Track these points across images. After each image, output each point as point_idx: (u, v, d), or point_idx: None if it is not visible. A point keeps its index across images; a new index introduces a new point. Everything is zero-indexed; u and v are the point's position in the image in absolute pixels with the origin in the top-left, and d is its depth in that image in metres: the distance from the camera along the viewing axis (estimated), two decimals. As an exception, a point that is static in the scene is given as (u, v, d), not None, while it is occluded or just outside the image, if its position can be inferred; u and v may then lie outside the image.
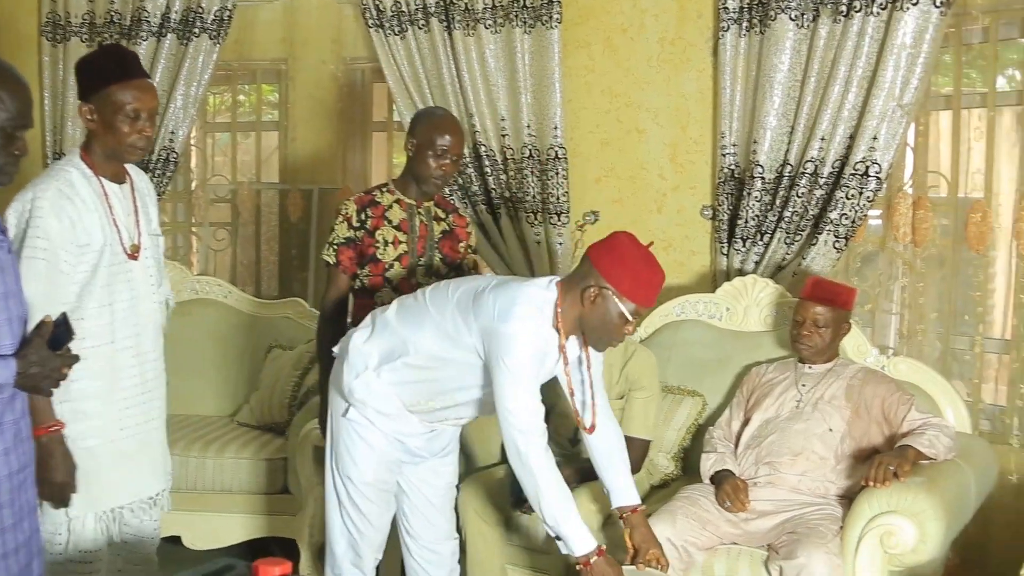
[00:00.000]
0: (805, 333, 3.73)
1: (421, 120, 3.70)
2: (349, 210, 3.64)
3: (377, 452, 3.20)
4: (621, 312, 2.93)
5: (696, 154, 4.83)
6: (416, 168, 3.64)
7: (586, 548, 2.96)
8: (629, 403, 3.88)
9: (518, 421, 2.95)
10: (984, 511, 3.76)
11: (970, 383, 4.29)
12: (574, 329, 3.02)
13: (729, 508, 3.50)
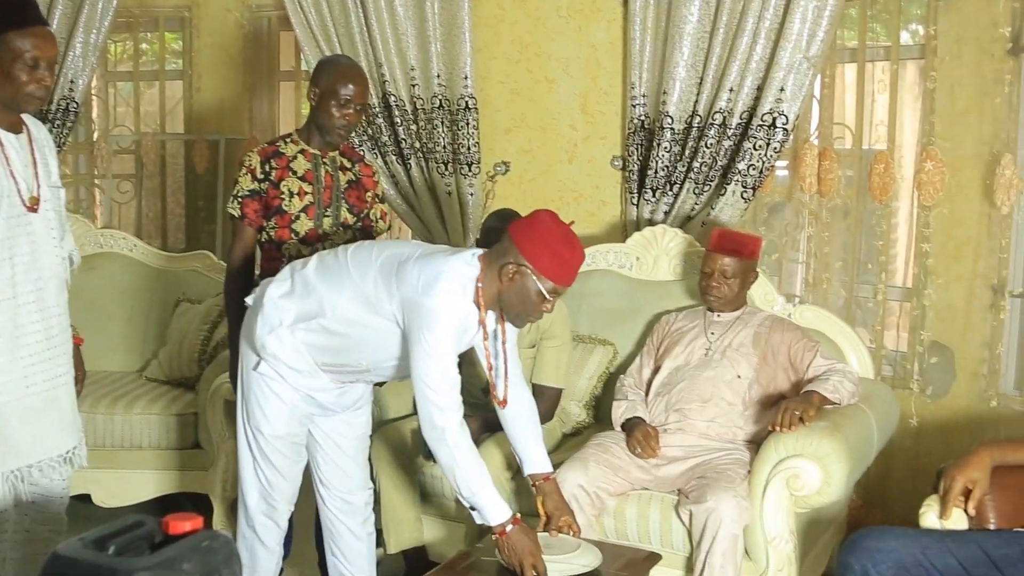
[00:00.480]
0: (713, 284, 3.76)
1: (323, 69, 3.63)
2: (253, 162, 3.57)
3: (288, 406, 3.17)
4: (539, 290, 2.92)
5: (606, 105, 4.84)
6: (319, 118, 3.58)
7: (501, 517, 2.97)
8: (540, 352, 3.90)
9: (436, 396, 2.94)
10: (886, 454, 3.87)
11: (873, 330, 4.40)
12: (493, 304, 3.01)
13: (640, 455, 3.54)
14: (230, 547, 2.12)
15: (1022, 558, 2.66)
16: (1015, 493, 2.85)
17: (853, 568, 2.71)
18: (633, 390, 3.82)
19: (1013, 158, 3.90)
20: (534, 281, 2.91)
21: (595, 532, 3.42)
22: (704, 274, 3.81)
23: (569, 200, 4.97)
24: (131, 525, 2.08)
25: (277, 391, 3.15)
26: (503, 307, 3.00)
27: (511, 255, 2.92)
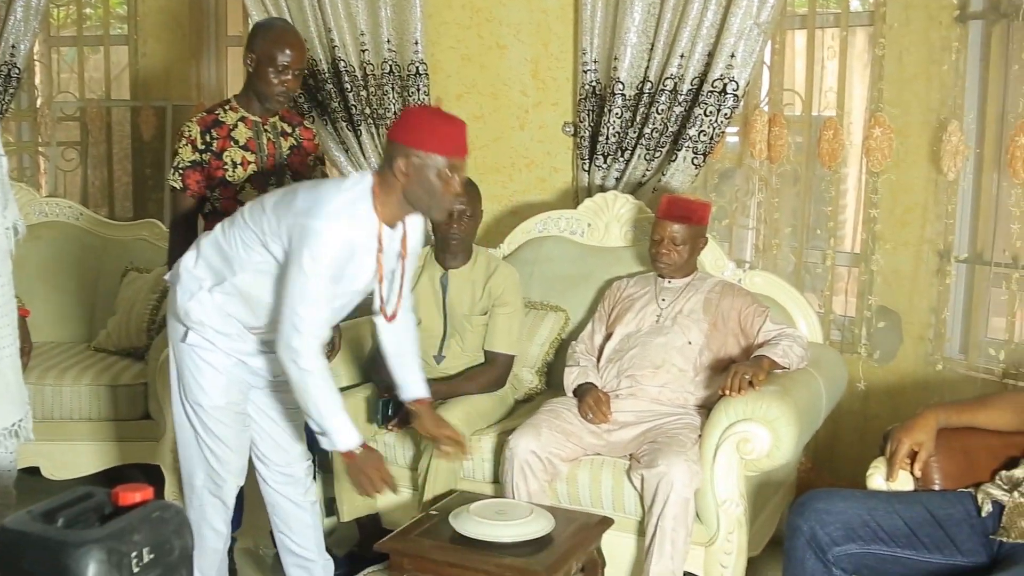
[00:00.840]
0: (663, 251, 3.77)
1: (259, 33, 3.56)
2: (192, 132, 3.51)
3: (224, 375, 3.14)
4: (436, 170, 2.90)
5: (558, 71, 4.83)
6: (257, 84, 3.53)
7: (350, 443, 3.02)
8: (493, 319, 3.91)
9: (298, 319, 2.89)
10: (834, 417, 3.92)
11: (822, 295, 4.44)
12: (399, 212, 2.99)
13: (591, 420, 3.56)
14: (181, 517, 2.11)
15: (966, 518, 2.72)
16: (960, 454, 2.91)
17: (801, 530, 2.75)
18: (585, 356, 3.84)
19: (960, 125, 3.93)
20: (427, 163, 2.89)
21: (548, 497, 3.45)
22: (654, 241, 3.81)
23: (521, 166, 4.96)
24: (80, 497, 2.07)
25: (210, 360, 3.12)
26: (415, 204, 2.97)
27: (397, 152, 2.91)
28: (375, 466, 3.05)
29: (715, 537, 3.36)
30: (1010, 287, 3.85)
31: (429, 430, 3.36)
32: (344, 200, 2.90)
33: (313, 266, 2.86)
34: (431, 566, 3.05)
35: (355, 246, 2.94)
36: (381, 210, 2.96)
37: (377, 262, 3.03)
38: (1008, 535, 2.63)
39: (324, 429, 3.01)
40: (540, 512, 3.13)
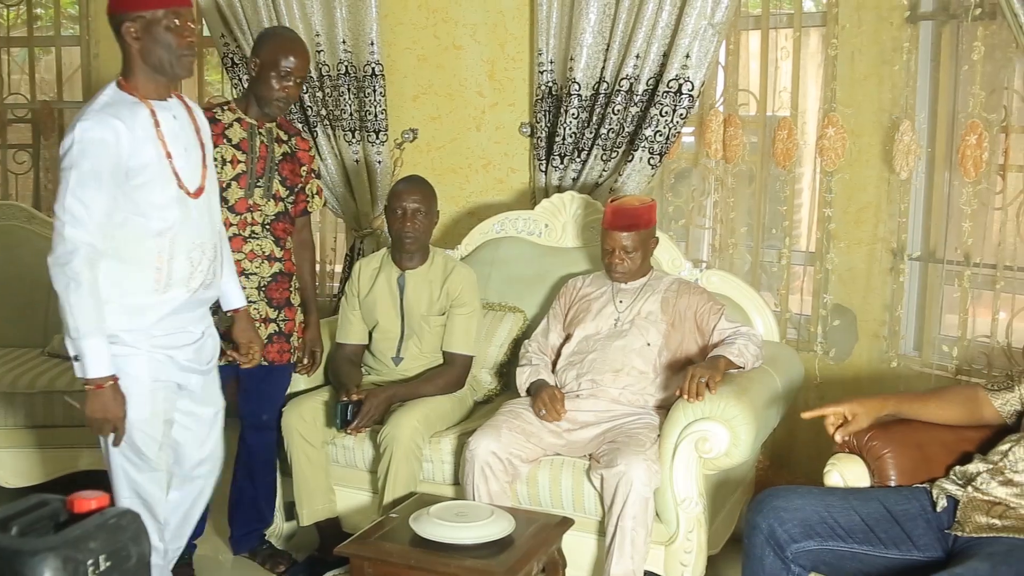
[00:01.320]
0: (616, 260, 3.75)
1: (265, 40, 3.65)
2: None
3: (146, 382, 3.00)
4: (160, 24, 2.89)
5: (514, 71, 4.83)
6: (259, 89, 3.61)
7: (103, 371, 2.88)
8: (451, 320, 3.90)
9: (64, 226, 2.79)
10: (791, 415, 3.94)
11: (778, 294, 4.47)
12: (154, 82, 2.95)
13: (544, 417, 3.56)
14: (138, 524, 2.09)
15: (921, 513, 2.75)
16: (914, 450, 2.94)
17: (760, 527, 2.77)
18: (537, 355, 3.84)
19: (911, 124, 3.98)
20: (150, 20, 2.89)
21: (508, 499, 3.45)
22: (605, 251, 3.80)
23: (478, 167, 4.96)
24: (34, 505, 2.04)
25: (129, 369, 2.97)
26: (155, 68, 2.94)
27: (120, 22, 2.91)
28: (116, 412, 2.91)
29: (675, 536, 3.38)
30: (962, 284, 3.90)
31: (238, 336, 3.42)
32: (91, 108, 2.87)
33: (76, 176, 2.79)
34: (392, 570, 3.04)
35: (119, 135, 2.84)
36: (139, 89, 2.94)
37: (158, 138, 2.94)
38: (963, 529, 2.66)
39: (79, 350, 2.85)
40: (500, 513, 3.13)
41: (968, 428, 2.98)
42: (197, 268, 3.05)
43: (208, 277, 3.10)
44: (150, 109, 2.93)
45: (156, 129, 2.93)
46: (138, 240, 2.93)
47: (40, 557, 1.86)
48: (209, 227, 3.11)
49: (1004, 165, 3.84)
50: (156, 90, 2.97)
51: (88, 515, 2.03)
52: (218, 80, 5.73)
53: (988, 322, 3.90)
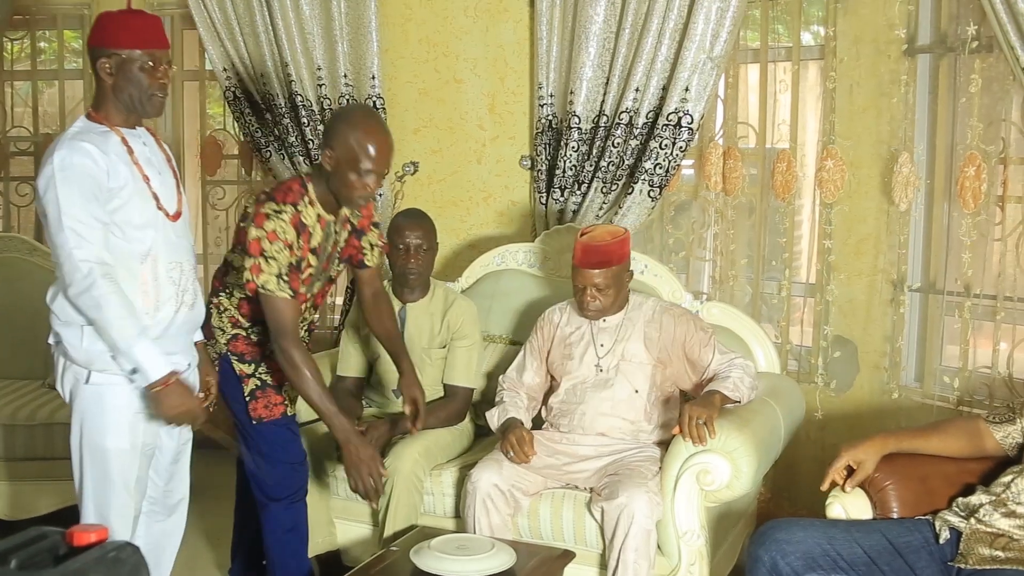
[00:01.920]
0: (588, 299, 3.59)
1: (341, 129, 3.22)
2: (289, 235, 3.22)
3: (128, 411, 2.98)
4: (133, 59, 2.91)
5: (514, 104, 4.86)
6: (336, 186, 3.25)
7: (162, 370, 2.89)
8: (452, 352, 3.90)
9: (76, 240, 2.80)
10: (792, 447, 3.94)
11: (778, 325, 4.47)
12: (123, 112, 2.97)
13: (512, 459, 3.49)
14: (137, 557, 2.08)
15: (924, 545, 2.74)
16: (916, 482, 2.93)
17: (762, 560, 2.76)
18: (509, 392, 3.76)
19: (910, 156, 3.99)
20: (125, 59, 2.91)
21: (510, 532, 3.43)
22: (576, 288, 3.62)
23: (479, 200, 4.97)
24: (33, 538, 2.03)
25: (114, 399, 2.96)
26: (126, 106, 2.96)
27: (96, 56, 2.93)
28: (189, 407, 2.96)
29: (677, 568, 3.36)
30: (963, 315, 3.90)
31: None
32: (65, 138, 2.89)
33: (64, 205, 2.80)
34: (392, 603, 3.03)
35: (95, 158, 2.86)
36: (109, 119, 2.96)
37: (133, 163, 2.96)
38: (966, 561, 2.65)
39: (136, 362, 2.86)
40: (501, 546, 3.12)
41: (970, 460, 2.97)
42: (179, 288, 3.06)
43: (190, 297, 3.10)
44: (120, 136, 2.96)
45: (130, 155, 2.96)
46: (124, 262, 2.93)
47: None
48: (187, 249, 3.13)
49: (1003, 196, 3.86)
50: (125, 120, 2.99)
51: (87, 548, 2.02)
52: (220, 113, 5.76)
53: (989, 353, 3.90)
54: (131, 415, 3.00)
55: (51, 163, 2.83)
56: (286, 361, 3.23)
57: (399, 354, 3.67)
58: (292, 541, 3.50)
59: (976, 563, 2.63)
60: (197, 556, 4.24)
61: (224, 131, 5.64)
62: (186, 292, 3.08)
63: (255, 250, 3.19)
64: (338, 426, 3.24)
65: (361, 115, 3.32)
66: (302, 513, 3.53)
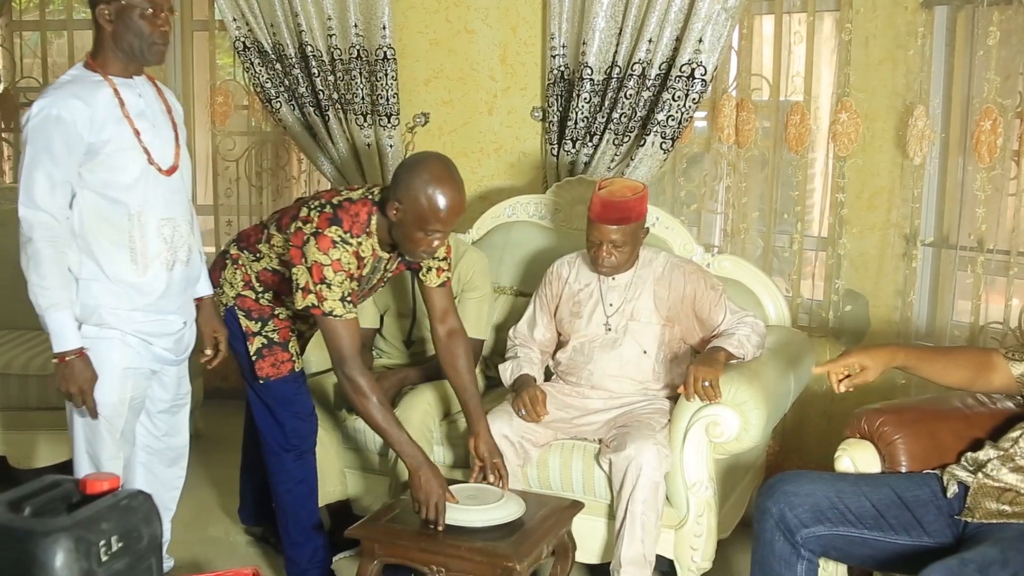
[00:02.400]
0: (603, 254, 3.53)
1: (413, 185, 3.03)
2: (352, 267, 3.13)
3: (119, 367, 3.00)
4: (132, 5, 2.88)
5: (526, 55, 4.82)
6: (399, 237, 3.13)
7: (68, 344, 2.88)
8: (462, 304, 3.89)
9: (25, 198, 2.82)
10: (802, 401, 3.95)
11: (789, 279, 4.46)
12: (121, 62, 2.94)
13: (524, 417, 3.48)
14: (149, 505, 2.10)
15: (932, 499, 2.74)
16: (925, 437, 2.93)
17: (770, 512, 2.77)
18: (522, 347, 3.75)
19: (925, 109, 3.96)
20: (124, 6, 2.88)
21: (519, 482, 3.45)
22: (591, 243, 3.56)
23: (490, 151, 4.95)
24: (47, 486, 2.05)
25: (105, 354, 2.97)
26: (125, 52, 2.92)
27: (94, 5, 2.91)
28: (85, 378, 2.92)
29: (685, 520, 3.38)
30: (975, 270, 3.89)
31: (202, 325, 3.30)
32: (53, 86, 2.88)
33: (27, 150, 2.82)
34: (402, 552, 3.06)
35: (76, 113, 2.83)
36: (105, 67, 2.93)
37: (124, 116, 2.93)
38: (973, 516, 2.65)
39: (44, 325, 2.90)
40: (511, 496, 3.14)
41: (979, 415, 2.97)
42: (171, 245, 3.04)
43: (184, 253, 3.09)
44: (113, 88, 2.92)
45: (121, 107, 2.92)
46: (108, 219, 2.93)
47: (53, 538, 1.87)
48: (182, 204, 3.10)
49: (1018, 151, 3.83)
50: (123, 69, 2.95)
51: (100, 496, 2.04)
52: (230, 64, 5.73)
53: (1001, 308, 3.89)
54: (121, 370, 3.01)
55: (30, 110, 2.82)
56: (352, 389, 3.13)
57: (470, 411, 3.42)
58: (302, 492, 3.52)
59: (983, 517, 2.63)
60: (205, 503, 4.28)
61: (234, 81, 5.61)
62: (179, 249, 3.07)
63: (317, 276, 3.07)
64: (409, 454, 3.13)
65: (436, 170, 3.06)
66: (311, 464, 3.54)
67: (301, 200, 3.28)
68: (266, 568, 3.77)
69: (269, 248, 3.39)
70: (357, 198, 3.18)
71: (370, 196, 3.19)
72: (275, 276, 3.41)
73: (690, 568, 3.40)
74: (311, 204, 3.21)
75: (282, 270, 3.35)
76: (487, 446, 3.34)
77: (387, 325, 4.02)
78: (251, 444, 3.84)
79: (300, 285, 3.10)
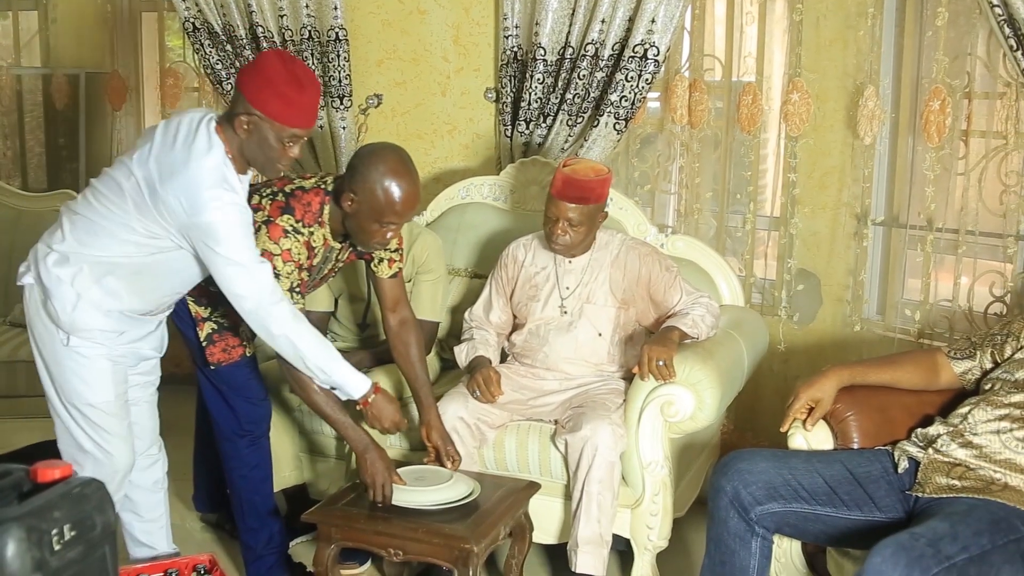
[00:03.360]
0: (558, 231, 3.51)
1: (368, 176, 3.03)
2: (302, 257, 3.13)
3: (110, 365, 3.00)
4: (277, 136, 2.84)
5: (479, 36, 4.80)
6: (353, 228, 3.13)
7: (362, 389, 3.06)
8: (417, 286, 3.89)
9: (251, 300, 2.89)
10: (756, 379, 3.98)
11: (743, 259, 4.49)
12: (243, 161, 2.92)
13: (478, 399, 3.49)
14: (102, 493, 2.08)
15: (883, 475, 2.78)
16: (877, 414, 2.97)
17: (724, 490, 2.79)
18: (478, 329, 3.76)
19: (875, 90, 3.99)
20: (269, 127, 2.83)
21: (475, 464, 3.46)
22: (547, 219, 3.54)
23: (443, 133, 4.94)
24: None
25: (96, 360, 2.97)
26: (248, 158, 2.92)
27: (241, 106, 2.84)
28: (391, 417, 3.19)
29: (641, 499, 3.40)
30: (925, 249, 3.93)
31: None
32: (212, 174, 2.80)
33: (232, 251, 2.83)
34: (359, 535, 3.05)
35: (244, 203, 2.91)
36: (235, 162, 2.90)
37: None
38: (923, 490, 2.69)
39: (334, 383, 3.03)
40: (460, 477, 3.16)
41: (928, 392, 3.02)
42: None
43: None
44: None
45: None
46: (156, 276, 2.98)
47: (4, 527, 1.85)
48: None
49: (967, 131, 3.86)
50: (239, 167, 2.93)
51: (52, 485, 2.02)
52: (179, 45, 5.66)
53: (950, 286, 3.94)
54: (111, 366, 3.00)
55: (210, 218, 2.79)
56: (294, 378, 3.13)
57: (421, 400, 3.42)
58: (256, 477, 3.50)
59: (933, 492, 2.67)
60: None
61: (184, 63, 5.55)
62: None
63: None
64: (354, 438, 3.15)
65: (392, 162, 3.05)
66: (265, 449, 3.53)
67: (253, 187, 3.25)
68: (223, 555, 3.75)
69: None
70: (310, 187, 3.17)
71: (323, 185, 3.17)
72: None
73: (646, 547, 3.42)
74: (263, 192, 3.18)
75: None
76: (439, 433, 3.35)
77: (341, 308, 4.00)
78: (203, 431, 3.82)
79: None
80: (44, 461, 2.04)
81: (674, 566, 3.63)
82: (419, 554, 2.99)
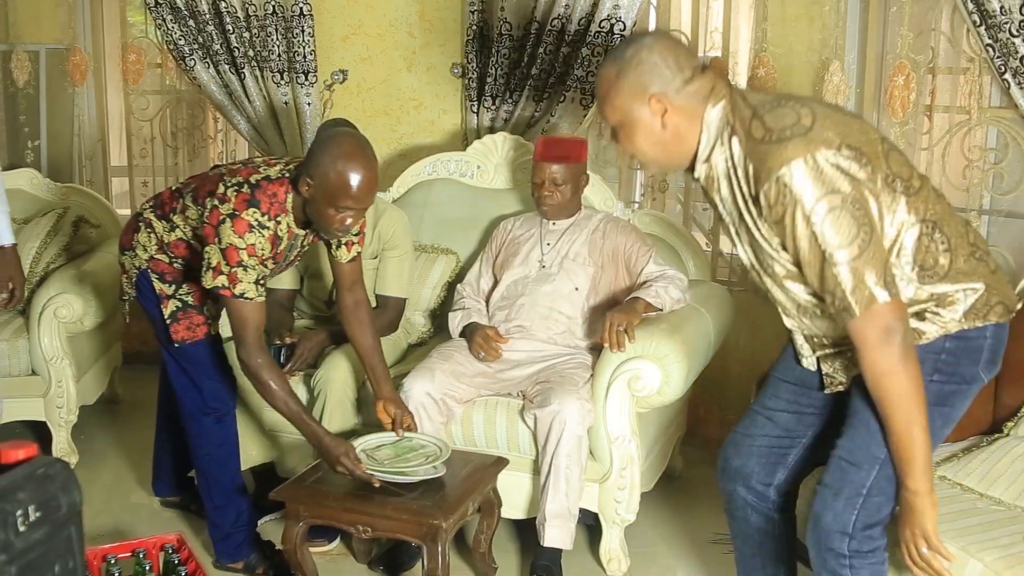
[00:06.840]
0: (545, 193, 3.76)
1: (323, 161, 2.98)
2: (266, 251, 3.10)
3: None
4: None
5: (445, 11, 4.78)
6: (312, 215, 3.08)
7: None
8: (383, 263, 3.88)
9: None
10: (722, 353, 4.00)
11: (709, 234, 4.50)
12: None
13: (484, 359, 3.58)
14: (67, 473, 2.06)
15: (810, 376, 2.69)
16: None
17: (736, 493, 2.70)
18: (471, 299, 3.85)
19: (840, 65, 4.00)
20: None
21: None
22: (535, 184, 3.80)
23: (409, 108, 4.91)
24: (-42, 455, 2.01)
25: None
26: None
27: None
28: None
29: (609, 473, 3.42)
30: (890, 223, 3.94)
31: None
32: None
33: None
34: (327, 513, 3.06)
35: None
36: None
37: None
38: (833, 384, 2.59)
39: None
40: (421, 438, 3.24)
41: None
42: None
43: None
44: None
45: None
46: None
47: (-33, 508, 1.83)
48: None
49: (931, 106, 3.88)
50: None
51: (15, 465, 2.00)
52: (141, 21, 5.59)
53: (914, 259, 3.96)
54: None
55: None
56: (250, 373, 3.13)
57: (378, 375, 3.41)
58: (222, 455, 3.49)
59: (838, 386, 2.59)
60: (126, 470, 4.24)
61: (146, 39, 5.48)
62: None
63: (232, 259, 3.04)
64: (309, 433, 3.15)
65: (347, 146, 3.01)
66: (232, 427, 3.51)
67: (219, 171, 3.22)
68: (190, 534, 3.74)
69: (184, 220, 3.31)
70: (275, 176, 3.14)
71: (287, 174, 3.16)
72: (188, 248, 3.36)
73: (614, 521, 3.45)
74: (228, 181, 3.13)
75: (195, 243, 3.30)
76: (395, 404, 3.35)
77: (308, 286, 3.98)
78: (166, 411, 3.80)
79: (211, 265, 3.07)
80: (7, 442, 2.02)
81: (642, 540, 3.66)
82: (388, 531, 3.00)
